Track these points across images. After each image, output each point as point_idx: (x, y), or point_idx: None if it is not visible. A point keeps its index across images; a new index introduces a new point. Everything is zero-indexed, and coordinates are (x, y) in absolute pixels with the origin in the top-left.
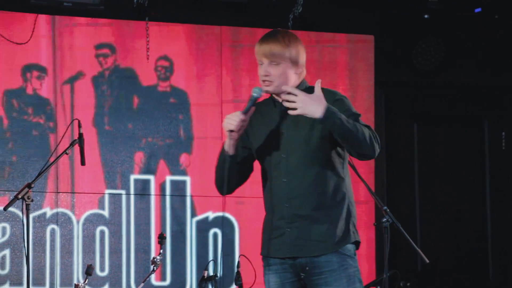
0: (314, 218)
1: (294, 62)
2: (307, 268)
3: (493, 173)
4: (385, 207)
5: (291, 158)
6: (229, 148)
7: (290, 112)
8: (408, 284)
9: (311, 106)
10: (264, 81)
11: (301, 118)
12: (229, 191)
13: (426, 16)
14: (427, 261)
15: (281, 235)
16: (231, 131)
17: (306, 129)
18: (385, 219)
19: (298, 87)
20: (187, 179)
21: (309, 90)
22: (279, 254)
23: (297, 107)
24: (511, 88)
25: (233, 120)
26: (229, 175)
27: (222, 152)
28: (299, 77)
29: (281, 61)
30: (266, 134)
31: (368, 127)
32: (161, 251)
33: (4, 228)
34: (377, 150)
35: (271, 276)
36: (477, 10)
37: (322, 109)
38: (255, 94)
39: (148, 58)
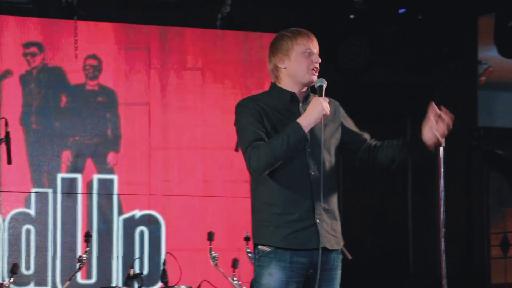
0: (334, 213)
1: None
2: (317, 265)
3: (414, 170)
4: None
5: (319, 154)
6: (308, 129)
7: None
8: None
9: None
10: (313, 69)
11: None
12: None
13: (351, 16)
14: (350, 257)
15: (310, 226)
16: (324, 115)
17: (327, 128)
18: None
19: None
20: (114, 177)
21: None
22: (308, 245)
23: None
24: (433, 87)
25: (327, 104)
26: (285, 157)
27: (298, 132)
28: None
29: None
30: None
31: None
32: (87, 249)
33: None
34: None
35: (277, 271)
36: (401, 10)
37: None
38: (323, 84)
39: (76, 57)
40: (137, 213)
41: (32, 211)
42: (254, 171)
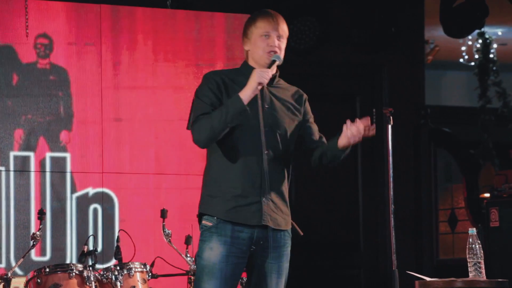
0: (282, 194)
1: (285, 44)
2: (261, 242)
3: (364, 148)
4: None
5: (275, 133)
6: (247, 100)
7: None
8: None
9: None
10: (269, 51)
11: (282, 99)
12: (212, 143)
13: None
14: (302, 233)
15: (255, 203)
16: (260, 83)
17: (286, 110)
18: None
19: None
20: (67, 155)
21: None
22: (250, 221)
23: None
24: (381, 66)
25: (265, 74)
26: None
27: (236, 103)
28: None
29: (284, 38)
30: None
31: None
32: (41, 226)
33: None
34: None
35: (218, 245)
36: None
37: None
38: (277, 59)
39: (27, 36)
40: (91, 190)
41: None
42: (196, 143)
